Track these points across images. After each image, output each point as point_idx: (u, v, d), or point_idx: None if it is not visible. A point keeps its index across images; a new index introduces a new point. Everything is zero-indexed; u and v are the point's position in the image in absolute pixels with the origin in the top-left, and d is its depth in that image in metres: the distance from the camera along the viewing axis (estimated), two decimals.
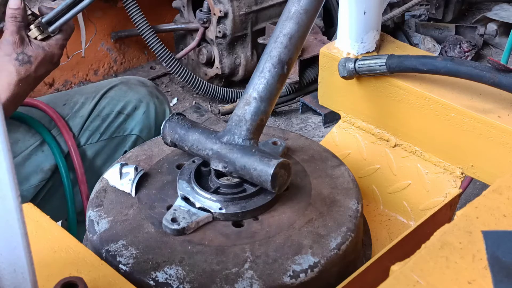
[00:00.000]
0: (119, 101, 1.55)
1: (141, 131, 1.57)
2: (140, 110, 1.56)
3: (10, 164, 0.57)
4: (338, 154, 1.24)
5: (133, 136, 1.57)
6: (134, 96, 1.57)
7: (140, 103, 1.56)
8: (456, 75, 1.20)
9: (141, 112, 1.56)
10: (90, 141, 1.52)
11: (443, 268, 0.72)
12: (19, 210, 0.60)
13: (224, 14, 2.70)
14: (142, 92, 1.58)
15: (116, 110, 1.55)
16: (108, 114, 1.54)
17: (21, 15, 1.23)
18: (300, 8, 1.09)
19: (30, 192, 1.45)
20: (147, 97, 1.58)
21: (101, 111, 1.54)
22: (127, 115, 1.56)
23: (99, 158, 1.54)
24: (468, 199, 1.17)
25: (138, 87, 1.59)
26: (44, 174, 1.46)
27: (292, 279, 0.93)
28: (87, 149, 1.53)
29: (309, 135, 2.66)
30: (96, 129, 1.53)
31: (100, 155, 1.54)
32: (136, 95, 1.57)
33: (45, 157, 1.45)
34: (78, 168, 1.45)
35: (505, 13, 3.39)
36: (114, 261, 0.95)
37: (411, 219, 1.36)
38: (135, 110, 1.56)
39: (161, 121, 1.56)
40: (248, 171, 1.00)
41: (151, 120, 1.58)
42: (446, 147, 1.30)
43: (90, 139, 1.53)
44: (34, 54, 1.25)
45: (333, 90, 1.46)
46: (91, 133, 1.53)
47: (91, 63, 2.96)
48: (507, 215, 0.79)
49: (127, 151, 1.51)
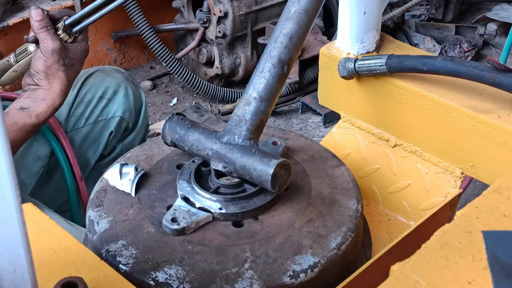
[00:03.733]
0: (99, 87, 1.63)
1: (123, 113, 1.65)
2: (120, 93, 1.64)
3: (10, 164, 0.57)
4: (338, 154, 1.24)
5: (116, 118, 1.64)
6: (112, 81, 1.65)
7: (119, 87, 1.64)
8: (456, 75, 1.20)
9: (121, 95, 1.64)
10: (76, 126, 1.59)
11: (443, 268, 0.72)
12: (19, 210, 0.60)
13: (224, 14, 2.70)
14: (119, 78, 1.66)
15: (98, 95, 1.62)
16: (90, 99, 1.61)
17: (49, 23, 1.26)
18: (300, 8, 1.09)
19: (33, 179, 1.51)
20: (124, 82, 1.66)
21: (84, 97, 1.61)
22: (109, 99, 1.63)
23: (86, 141, 1.61)
24: (468, 199, 1.17)
25: (114, 73, 1.68)
26: (42, 161, 1.52)
27: (292, 279, 0.93)
28: (74, 135, 1.59)
29: (309, 135, 2.66)
30: (81, 115, 1.60)
31: (87, 138, 1.62)
32: (114, 80, 1.65)
33: (40, 145, 1.51)
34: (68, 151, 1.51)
35: (505, 13, 3.39)
36: (114, 261, 0.95)
37: (411, 219, 1.36)
38: (115, 94, 1.64)
39: (138, 104, 1.69)
40: (248, 171, 1.00)
41: (131, 102, 1.66)
42: (446, 147, 1.30)
43: (77, 125, 1.59)
44: (75, 55, 1.30)
45: (333, 90, 1.46)
46: (76, 119, 1.59)
47: (91, 63, 2.96)
48: (507, 215, 0.79)
49: (113, 131, 1.63)
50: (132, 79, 1.71)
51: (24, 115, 1.27)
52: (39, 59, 1.27)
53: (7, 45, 2.45)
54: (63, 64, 1.28)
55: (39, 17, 1.25)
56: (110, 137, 1.64)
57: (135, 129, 1.70)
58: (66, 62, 1.28)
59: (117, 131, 1.64)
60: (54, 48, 1.26)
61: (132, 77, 1.74)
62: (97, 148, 1.63)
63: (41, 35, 1.25)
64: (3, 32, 2.42)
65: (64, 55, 1.28)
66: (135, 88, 1.69)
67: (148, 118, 1.76)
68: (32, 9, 1.25)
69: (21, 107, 1.27)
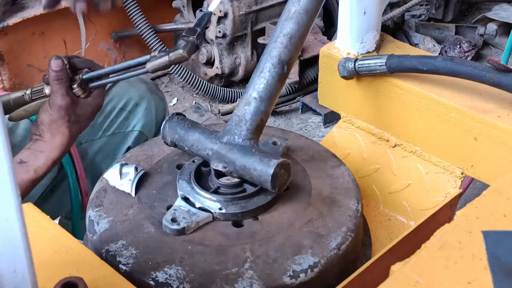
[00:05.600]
0: (121, 98, 1.56)
1: (143, 127, 1.59)
2: (141, 106, 1.58)
3: (10, 164, 0.57)
4: (338, 154, 1.24)
5: (135, 132, 1.59)
6: (136, 92, 1.58)
7: (141, 99, 1.58)
8: (456, 75, 1.20)
9: (142, 108, 1.58)
10: (92, 137, 1.54)
11: (443, 268, 0.72)
12: (19, 210, 0.60)
13: (224, 14, 2.70)
14: (143, 89, 1.60)
15: (119, 106, 1.56)
16: (110, 110, 1.56)
17: (65, 76, 1.21)
18: (300, 8, 1.09)
19: (40, 190, 1.46)
20: (148, 94, 1.60)
21: (104, 108, 1.54)
22: (129, 112, 1.57)
23: (100, 154, 1.56)
24: (468, 199, 1.17)
25: (138, 84, 1.61)
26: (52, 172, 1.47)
27: (292, 279, 0.93)
28: (89, 146, 1.54)
29: (309, 135, 2.66)
30: (99, 126, 1.54)
31: (102, 151, 1.56)
32: (137, 92, 1.58)
33: None
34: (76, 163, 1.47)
35: (505, 13, 3.39)
36: (114, 261, 0.95)
37: (411, 219, 1.36)
38: (136, 106, 1.57)
39: (161, 118, 1.60)
40: (248, 171, 1.00)
41: (152, 116, 1.59)
42: (446, 147, 1.30)
43: (93, 136, 1.54)
44: (83, 112, 1.25)
45: (333, 90, 1.46)
46: (93, 130, 1.53)
47: None
48: (507, 215, 0.79)
49: (130, 147, 1.55)
50: (157, 90, 1.65)
51: (22, 170, 1.22)
52: (45, 112, 1.23)
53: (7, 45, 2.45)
54: (68, 120, 1.22)
55: (57, 68, 1.20)
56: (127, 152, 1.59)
57: None
58: (71, 119, 1.23)
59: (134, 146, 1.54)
60: (61, 105, 1.21)
61: (157, 87, 1.67)
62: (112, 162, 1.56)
63: (54, 87, 1.21)
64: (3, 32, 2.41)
65: (71, 111, 1.23)
66: (159, 100, 1.63)
67: None
68: (53, 58, 1.20)
69: (20, 160, 1.23)
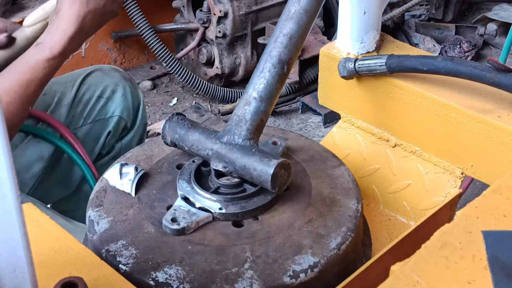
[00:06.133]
0: (98, 86, 1.61)
1: (122, 112, 1.64)
2: (118, 93, 1.63)
3: (10, 164, 0.57)
4: (338, 154, 1.24)
5: (115, 117, 1.64)
6: (111, 80, 1.63)
7: (117, 86, 1.63)
8: (456, 75, 1.20)
9: (119, 94, 1.63)
10: (75, 126, 1.58)
11: (443, 268, 0.72)
12: (19, 210, 0.60)
13: (224, 14, 2.70)
14: (117, 77, 1.65)
15: (96, 94, 1.61)
16: (88, 99, 1.60)
17: None
18: (300, 8, 1.09)
19: (33, 179, 1.50)
20: (122, 81, 1.65)
21: (82, 97, 1.60)
22: (107, 99, 1.62)
23: (85, 141, 1.60)
24: (468, 199, 1.17)
25: (112, 72, 1.66)
26: (44, 162, 1.51)
27: (292, 279, 0.93)
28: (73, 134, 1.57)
29: (309, 135, 2.66)
30: (80, 114, 1.59)
31: (85, 138, 1.60)
32: (112, 80, 1.64)
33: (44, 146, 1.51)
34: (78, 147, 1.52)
35: (505, 13, 3.39)
36: (114, 261, 0.95)
37: (411, 219, 1.36)
38: (113, 93, 1.63)
39: (136, 103, 1.67)
40: (248, 171, 1.00)
41: (129, 102, 1.65)
42: (446, 147, 1.30)
43: (75, 125, 1.59)
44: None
45: (333, 90, 1.46)
46: (75, 119, 1.59)
47: (91, 63, 2.96)
48: (507, 215, 0.79)
49: (111, 131, 1.62)
50: (130, 78, 1.71)
51: (37, 50, 1.21)
52: None
53: None
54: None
55: None
56: (109, 137, 1.64)
57: (133, 128, 1.70)
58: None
59: (115, 131, 1.64)
60: None
61: (129, 76, 1.74)
62: (95, 148, 1.63)
63: None
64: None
65: None
66: (133, 87, 1.69)
67: (146, 117, 1.76)
68: None
69: (37, 43, 1.22)
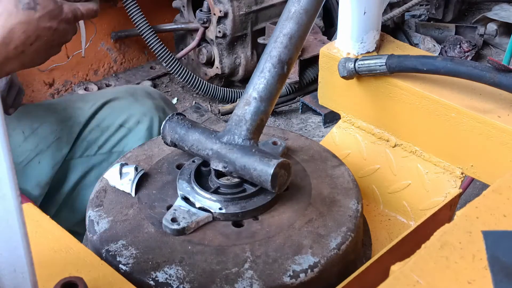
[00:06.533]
0: (122, 113, 1.44)
1: None
2: (143, 124, 1.45)
3: (10, 164, 0.57)
4: (338, 154, 1.24)
5: None
6: (139, 109, 1.45)
7: (143, 117, 1.45)
8: (456, 75, 1.20)
9: (143, 127, 1.44)
10: (87, 153, 1.43)
11: (443, 268, 0.72)
12: (19, 210, 0.60)
13: (224, 14, 2.70)
14: (148, 105, 1.47)
15: (118, 122, 1.44)
16: (108, 126, 1.44)
17: None
18: (300, 8, 1.09)
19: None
20: (152, 111, 1.46)
21: (101, 122, 1.43)
22: (129, 129, 1.44)
23: (93, 172, 1.43)
24: (468, 199, 1.17)
25: (144, 99, 1.48)
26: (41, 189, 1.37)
27: (292, 279, 0.93)
28: (82, 162, 1.43)
29: (309, 135, 2.66)
30: (94, 141, 1.43)
31: (96, 169, 1.43)
32: (141, 108, 1.45)
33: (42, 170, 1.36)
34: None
35: (505, 13, 3.39)
36: (114, 261, 0.95)
37: (411, 219, 1.36)
38: (137, 124, 1.45)
39: None
40: (248, 171, 1.00)
41: (154, 136, 1.45)
42: (446, 147, 1.30)
43: (87, 152, 1.43)
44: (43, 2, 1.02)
45: (333, 90, 1.46)
46: (88, 145, 1.42)
47: (91, 63, 2.96)
48: (507, 215, 0.79)
49: None
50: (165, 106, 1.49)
51: None
52: None
53: None
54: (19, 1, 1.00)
55: None
56: None
57: None
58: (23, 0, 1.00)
59: None
60: None
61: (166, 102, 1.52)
62: None
63: None
64: None
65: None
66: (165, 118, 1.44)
67: None
68: None
69: None
